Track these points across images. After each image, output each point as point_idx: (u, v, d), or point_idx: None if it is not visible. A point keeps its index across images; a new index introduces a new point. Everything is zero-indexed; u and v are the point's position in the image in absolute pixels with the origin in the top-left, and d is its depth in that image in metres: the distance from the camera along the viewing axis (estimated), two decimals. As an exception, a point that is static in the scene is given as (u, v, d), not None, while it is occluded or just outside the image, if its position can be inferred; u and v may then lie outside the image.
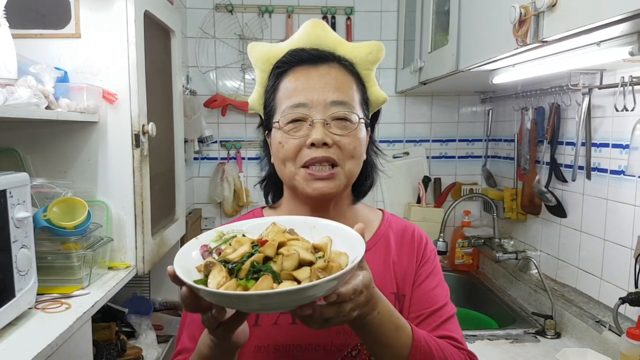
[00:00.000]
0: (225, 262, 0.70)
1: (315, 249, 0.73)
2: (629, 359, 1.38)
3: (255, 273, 0.66)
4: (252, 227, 0.82)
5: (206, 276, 0.68)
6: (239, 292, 0.63)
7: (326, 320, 0.67)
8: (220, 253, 0.75)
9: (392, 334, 0.79)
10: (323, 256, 0.71)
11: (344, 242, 0.74)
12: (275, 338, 0.90)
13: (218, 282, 0.66)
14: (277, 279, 0.65)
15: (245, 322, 0.79)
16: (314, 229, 0.79)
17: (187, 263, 0.72)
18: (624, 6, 0.93)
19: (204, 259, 0.74)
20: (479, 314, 2.24)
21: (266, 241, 0.71)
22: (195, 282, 0.67)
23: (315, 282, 0.61)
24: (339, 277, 0.62)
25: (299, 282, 0.65)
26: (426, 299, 0.95)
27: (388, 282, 0.95)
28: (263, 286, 0.63)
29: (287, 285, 0.64)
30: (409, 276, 0.96)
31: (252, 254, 0.69)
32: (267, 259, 0.69)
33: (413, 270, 0.97)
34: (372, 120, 1.01)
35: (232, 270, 0.68)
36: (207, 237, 0.79)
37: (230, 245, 0.76)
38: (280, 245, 0.71)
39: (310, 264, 0.68)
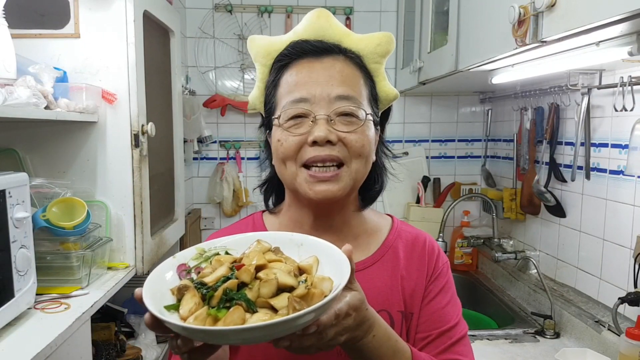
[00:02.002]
0: (201, 285, 0.65)
1: (300, 270, 0.67)
2: (628, 358, 1.39)
3: (228, 301, 0.61)
4: (236, 243, 0.75)
5: (179, 300, 0.63)
6: (201, 326, 0.58)
7: (308, 348, 0.63)
8: (200, 272, 0.69)
9: (390, 358, 0.74)
10: (306, 280, 0.64)
11: (331, 263, 0.68)
12: (271, 357, 0.83)
13: (189, 309, 0.61)
14: (251, 308, 0.60)
15: (223, 348, 0.74)
16: (301, 247, 0.73)
17: (160, 285, 0.67)
18: (623, 6, 0.93)
19: (181, 278, 0.69)
20: (478, 314, 2.24)
21: (243, 265, 0.65)
22: (166, 307, 0.63)
23: (288, 317, 0.56)
24: (317, 310, 0.57)
25: (276, 310, 0.60)
26: (436, 318, 0.88)
27: (395, 299, 0.87)
28: (232, 318, 0.58)
29: (262, 315, 0.59)
30: (418, 292, 0.89)
31: (228, 278, 0.63)
32: (243, 285, 0.63)
33: (422, 285, 0.89)
34: (382, 119, 0.93)
35: (206, 296, 0.63)
36: (186, 256, 0.73)
37: (210, 264, 0.70)
38: (261, 267, 0.65)
39: (291, 289, 0.62)
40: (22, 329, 1.13)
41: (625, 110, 1.53)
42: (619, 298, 1.54)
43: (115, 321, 1.77)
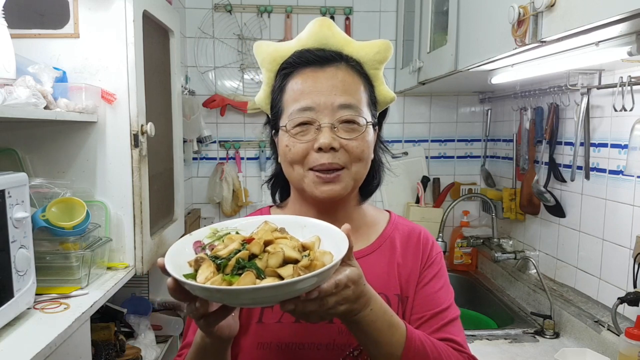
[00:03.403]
0: (215, 258, 0.72)
1: (304, 247, 0.75)
2: (628, 358, 1.39)
3: (240, 269, 0.69)
4: (246, 225, 0.84)
5: (196, 271, 0.71)
6: (218, 286, 0.65)
7: (310, 314, 0.69)
8: (213, 249, 0.77)
9: (385, 331, 0.79)
10: (309, 255, 0.72)
11: (331, 241, 0.75)
12: (278, 335, 0.90)
13: (206, 277, 0.68)
14: (261, 275, 0.67)
15: (233, 317, 0.82)
16: (304, 228, 0.81)
17: (179, 257, 0.74)
18: (622, 6, 0.93)
19: (197, 253, 0.77)
20: (477, 313, 2.24)
21: (253, 239, 0.73)
22: (185, 275, 0.69)
23: (292, 279, 0.64)
24: (319, 274, 0.65)
25: (282, 278, 0.67)
26: (429, 301, 0.94)
27: (392, 284, 0.94)
28: (245, 282, 0.65)
29: (269, 282, 0.66)
30: (413, 278, 0.96)
31: (240, 251, 0.72)
32: (253, 256, 0.71)
33: (417, 272, 0.96)
34: (380, 118, 1.00)
35: (220, 266, 0.70)
36: (201, 234, 0.82)
37: (223, 242, 0.78)
38: (268, 243, 0.73)
39: (295, 261, 0.70)
40: (22, 329, 1.13)
41: (625, 110, 1.53)
42: (619, 298, 1.54)
43: (114, 321, 1.77)
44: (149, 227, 1.66)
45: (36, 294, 1.23)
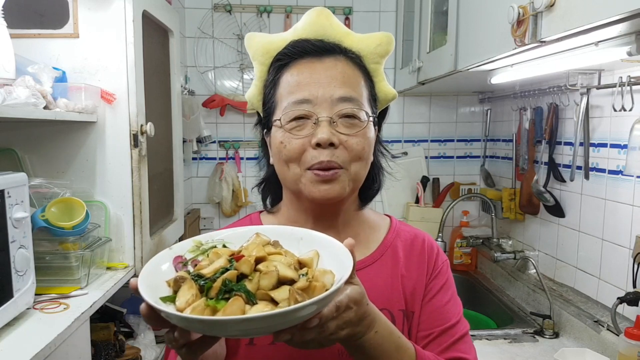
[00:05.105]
0: (198, 277, 0.63)
1: (300, 264, 0.66)
2: (627, 358, 1.39)
3: (227, 293, 0.59)
4: (234, 236, 0.74)
5: (175, 292, 0.61)
6: (200, 316, 0.56)
7: (309, 342, 0.62)
8: (196, 265, 0.67)
9: (393, 355, 0.72)
10: (307, 274, 0.63)
11: (332, 257, 0.66)
12: (271, 358, 0.82)
13: (187, 301, 0.59)
14: (251, 299, 0.59)
15: (220, 343, 0.75)
16: (301, 241, 0.72)
17: (156, 276, 0.65)
18: (622, 6, 0.93)
19: (177, 271, 0.67)
20: (477, 313, 2.24)
21: (243, 256, 0.64)
22: (162, 298, 0.61)
23: (289, 308, 0.54)
24: (319, 302, 0.55)
25: (276, 303, 0.58)
26: (437, 316, 0.87)
27: (396, 298, 0.86)
28: (232, 309, 0.56)
29: (262, 307, 0.58)
30: (419, 291, 0.88)
31: (227, 269, 0.62)
32: (243, 276, 0.62)
33: (423, 284, 0.89)
34: (380, 118, 0.93)
35: (204, 287, 0.61)
36: (183, 247, 0.72)
37: (208, 256, 0.69)
38: (260, 260, 0.64)
39: (292, 282, 0.61)
40: (21, 329, 1.13)
41: (624, 110, 1.53)
42: (618, 298, 1.54)
43: (114, 321, 1.77)
44: (148, 227, 1.66)
45: (36, 294, 1.24)
